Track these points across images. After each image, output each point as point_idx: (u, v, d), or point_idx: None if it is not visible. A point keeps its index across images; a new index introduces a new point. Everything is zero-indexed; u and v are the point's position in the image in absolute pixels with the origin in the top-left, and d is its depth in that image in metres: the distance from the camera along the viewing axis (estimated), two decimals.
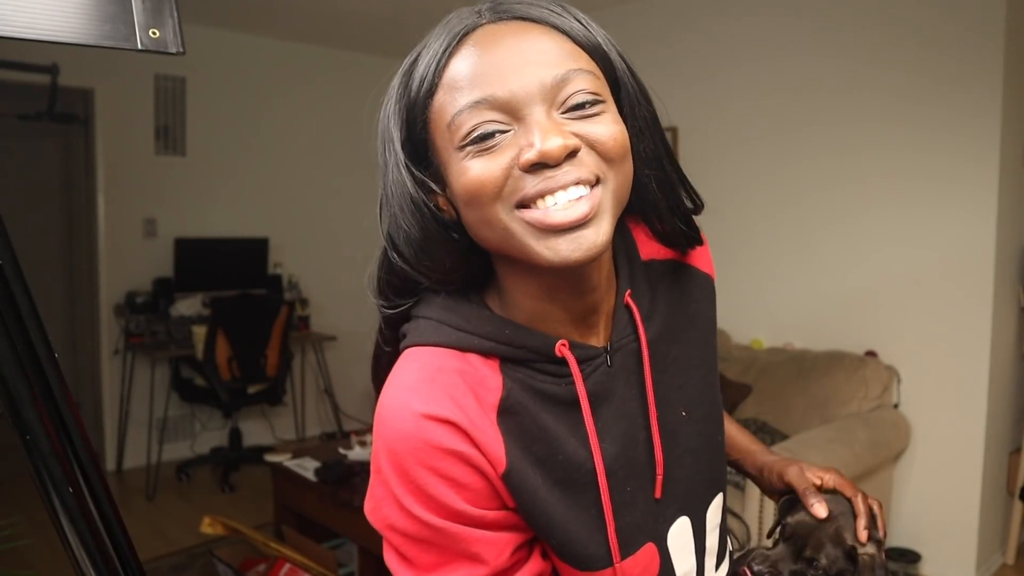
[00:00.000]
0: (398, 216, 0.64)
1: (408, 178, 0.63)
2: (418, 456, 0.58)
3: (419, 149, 0.64)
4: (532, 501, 0.61)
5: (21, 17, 0.44)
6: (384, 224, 0.67)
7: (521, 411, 0.62)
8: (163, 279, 4.30)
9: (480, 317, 0.64)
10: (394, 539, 0.62)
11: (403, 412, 0.59)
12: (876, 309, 3.10)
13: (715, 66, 3.59)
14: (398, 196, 0.64)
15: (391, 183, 0.65)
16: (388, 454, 0.60)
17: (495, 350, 0.63)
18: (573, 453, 0.63)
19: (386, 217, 0.66)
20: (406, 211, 0.63)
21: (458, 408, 0.59)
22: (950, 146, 2.87)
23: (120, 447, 4.29)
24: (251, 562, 2.59)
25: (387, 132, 0.67)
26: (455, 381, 0.61)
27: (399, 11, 4.17)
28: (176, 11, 0.50)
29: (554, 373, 0.64)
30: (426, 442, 0.58)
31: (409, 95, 0.64)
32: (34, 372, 0.51)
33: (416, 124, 0.63)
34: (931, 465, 2.95)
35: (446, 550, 0.60)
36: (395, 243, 0.65)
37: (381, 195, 0.67)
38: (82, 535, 0.53)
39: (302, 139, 4.88)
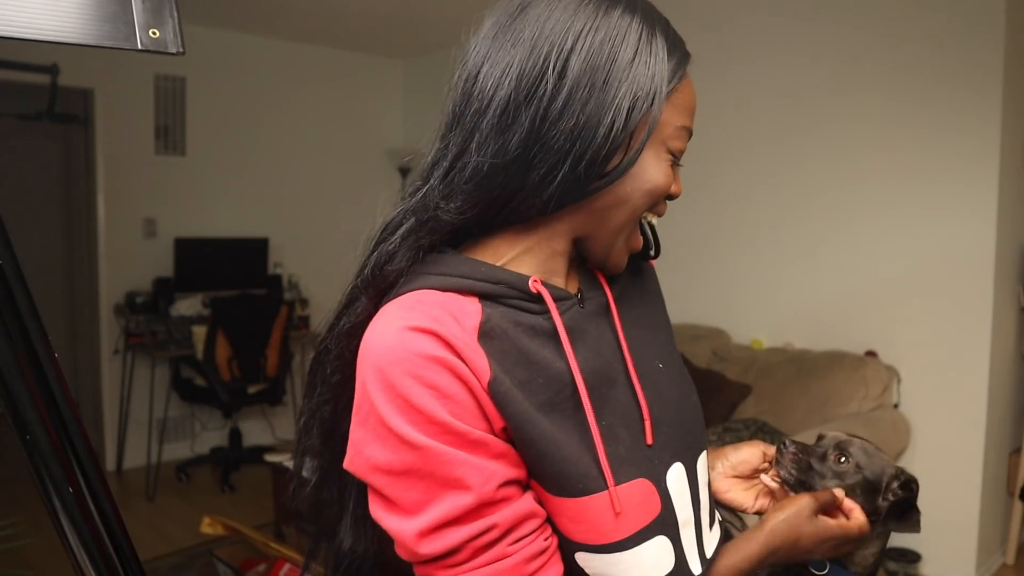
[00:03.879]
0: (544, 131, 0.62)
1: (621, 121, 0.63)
2: (403, 365, 0.60)
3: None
4: (519, 415, 0.62)
5: (21, 17, 0.44)
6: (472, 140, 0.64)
7: (501, 335, 0.64)
8: (163, 279, 4.30)
9: (456, 260, 0.67)
10: (378, 481, 0.62)
11: (386, 330, 0.62)
12: (876, 309, 3.10)
13: (715, 67, 3.58)
14: (574, 113, 0.62)
15: (578, 100, 0.62)
16: (374, 373, 0.61)
17: (472, 287, 0.65)
18: (554, 377, 0.65)
19: (487, 135, 0.64)
20: (575, 130, 0.62)
21: (440, 324, 0.62)
22: (950, 146, 2.87)
23: (120, 447, 4.29)
24: (251, 562, 2.59)
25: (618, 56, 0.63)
26: (436, 308, 0.63)
27: (399, 11, 4.17)
28: (176, 11, 0.50)
29: (530, 309, 0.67)
30: (410, 350, 0.60)
31: (639, 73, 0.64)
32: (34, 372, 0.51)
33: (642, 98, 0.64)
34: (931, 465, 2.95)
35: (430, 479, 0.60)
36: (475, 158, 0.64)
37: (500, 107, 0.63)
38: (82, 535, 0.53)
39: (302, 139, 4.88)
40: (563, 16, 0.63)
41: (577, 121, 0.62)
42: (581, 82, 0.62)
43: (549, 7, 0.64)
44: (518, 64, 0.63)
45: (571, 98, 0.62)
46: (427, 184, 0.68)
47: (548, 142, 0.62)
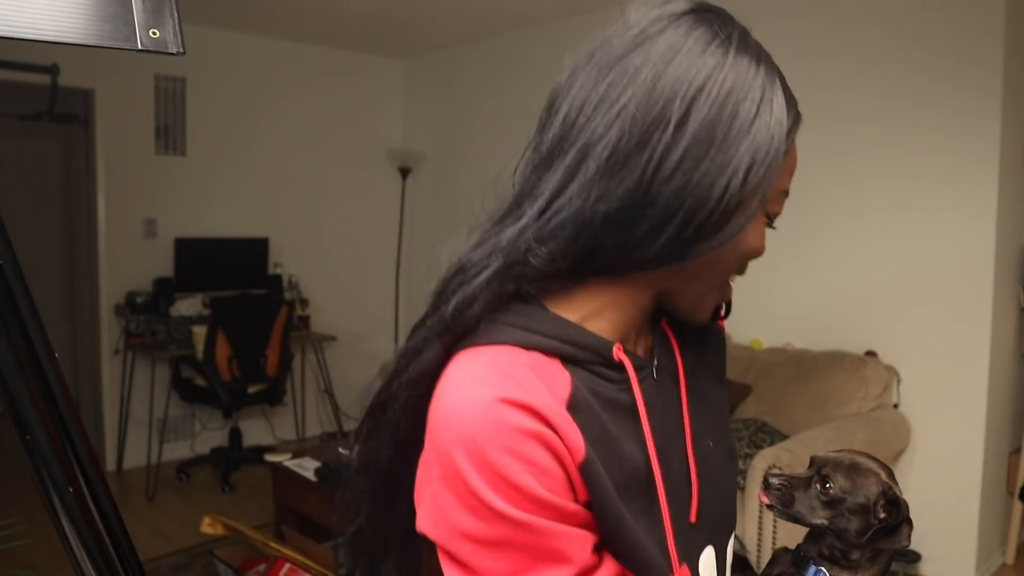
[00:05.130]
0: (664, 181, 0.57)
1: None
2: (500, 440, 0.55)
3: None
4: (604, 498, 0.59)
5: (21, 17, 0.44)
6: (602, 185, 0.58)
7: (587, 408, 0.60)
8: (163, 279, 4.30)
9: (543, 316, 0.62)
10: (464, 549, 0.57)
11: (478, 401, 0.56)
12: (876, 309, 3.10)
13: None
14: (686, 173, 0.57)
15: (689, 157, 0.57)
16: (464, 445, 0.56)
17: (558, 349, 0.61)
18: (629, 457, 0.62)
19: (608, 182, 0.58)
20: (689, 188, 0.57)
21: (535, 397, 0.57)
22: (950, 147, 2.87)
23: (120, 447, 4.29)
24: (251, 562, 2.59)
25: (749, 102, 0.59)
26: (527, 374, 0.58)
27: (399, 11, 4.17)
28: (176, 11, 0.50)
29: (609, 378, 0.63)
30: (507, 425, 0.56)
31: (761, 127, 0.60)
32: (34, 372, 0.51)
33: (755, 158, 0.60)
34: (931, 465, 2.95)
35: (527, 551, 0.57)
36: (605, 208, 0.58)
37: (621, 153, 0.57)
38: (82, 535, 0.53)
39: (302, 139, 4.88)
40: (688, 58, 0.58)
41: (690, 179, 0.57)
42: (700, 135, 0.57)
43: (674, 46, 0.58)
44: (634, 106, 0.57)
45: (688, 152, 0.57)
46: (518, 221, 0.61)
47: (656, 197, 0.57)
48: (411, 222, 5.28)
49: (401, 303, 5.36)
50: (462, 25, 4.44)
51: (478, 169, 4.82)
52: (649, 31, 0.60)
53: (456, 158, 4.97)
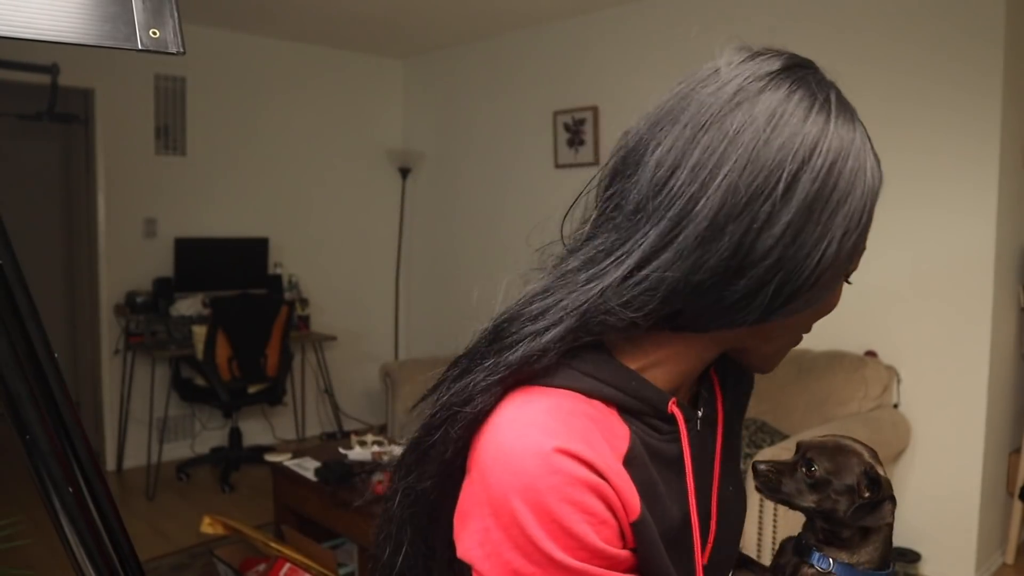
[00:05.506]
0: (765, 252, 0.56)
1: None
2: (560, 492, 0.55)
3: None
4: (654, 552, 0.60)
5: (21, 17, 0.44)
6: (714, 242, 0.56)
7: (641, 462, 0.60)
8: (163, 279, 4.30)
9: (609, 366, 0.62)
10: (578, 554, 0.56)
11: (539, 449, 0.56)
12: (876, 309, 3.10)
13: None
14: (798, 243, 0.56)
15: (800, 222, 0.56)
16: (523, 493, 0.56)
17: (619, 400, 0.61)
18: (668, 509, 0.63)
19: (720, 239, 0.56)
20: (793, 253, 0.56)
21: (595, 451, 0.57)
22: (950, 146, 2.87)
23: (120, 447, 4.29)
24: (251, 562, 2.59)
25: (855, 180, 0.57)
26: (589, 426, 0.58)
27: (399, 11, 4.17)
28: (176, 11, 0.50)
29: (659, 429, 0.63)
30: (568, 475, 0.56)
31: (849, 190, 0.58)
32: (34, 372, 0.51)
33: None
34: (931, 465, 2.95)
35: None
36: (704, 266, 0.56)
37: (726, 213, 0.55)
38: (82, 535, 0.53)
39: (302, 139, 4.88)
40: (792, 125, 0.55)
41: (786, 252, 0.55)
42: (803, 207, 0.55)
43: (775, 110, 0.56)
44: (736, 175, 0.54)
45: (789, 225, 0.55)
46: (598, 281, 0.58)
47: (751, 268, 0.56)
48: (411, 222, 5.28)
49: (401, 303, 5.36)
50: (462, 25, 4.44)
51: (478, 169, 4.82)
52: (747, 90, 0.57)
53: (456, 158, 4.97)
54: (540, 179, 4.42)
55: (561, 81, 4.28)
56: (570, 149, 4.23)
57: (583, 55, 4.17)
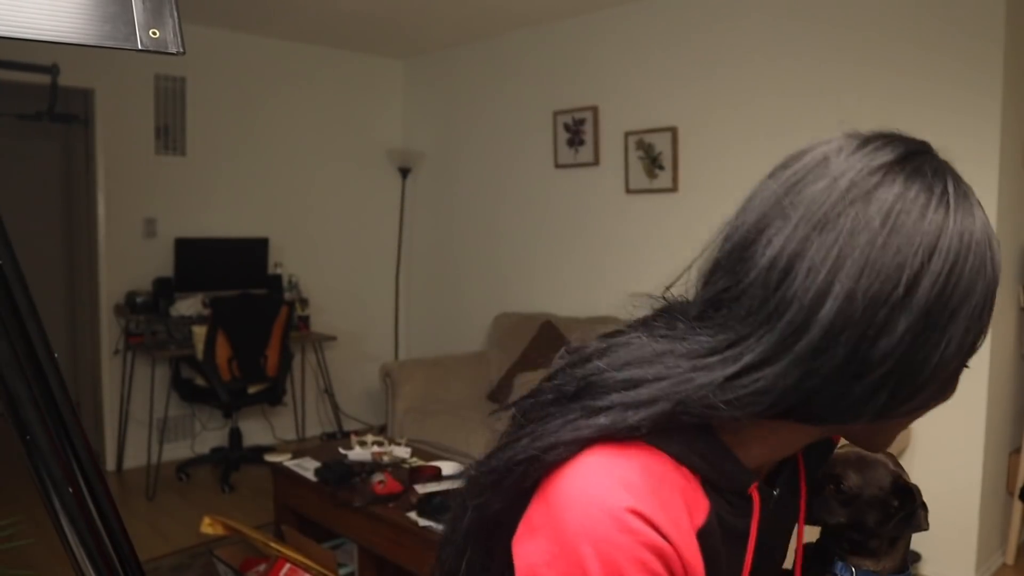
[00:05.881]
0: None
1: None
2: (630, 550, 0.55)
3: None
4: None
5: (21, 17, 0.44)
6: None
7: (713, 536, 0.60)
8: (163, 279, 4.30)
9: (704, 437, 0.60)
10: None
11: (620, 505, 0.55)
12: None
13: (715, 66, 3.59)
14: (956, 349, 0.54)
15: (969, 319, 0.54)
16: (596, 544, 0.55)
17: (704, 472, 0.60)
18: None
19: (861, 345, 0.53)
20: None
21: (671, 520, 0.57)
22: (949, 146, 2.84)
23: (120, 447, 4.29)
24: (251, 562, 2.59)
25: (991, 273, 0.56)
26: (673, 495, 0.58)
27: (399, 11, 4.17)
28: (176, 11, 0.50)
29: (735, 504, 0.63)
30: (640, 537, 0.55)
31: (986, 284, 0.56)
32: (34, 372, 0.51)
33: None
34: (931, 465, 2.95)
35: None
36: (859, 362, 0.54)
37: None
38: (82, 535, 0.53)
39: (302, 139, 4.88)
40: (910, 223, 0.53)
41: (905, 356, 0.53)
42: (923, 311, 0.52)
43: (892, 208, 0.53)
44: (853, 280, 0.52)
45: (909, 328, 0.52)
46: (701, 374, 0.56)
47: (866, 372, 0.53)
48: (411, 222, 5.28)
49: (401, 303, 5.36)
50: (462, 25, 4.44)
51: (478, 169, 4.82)
52: (861, 185, 0.54)
53: (456, 158, 4.97)
54: (540, 179, 4.42)
55: (561, 81, 4.28)
56: (570, 149, 4.23)
57: (583, 55, 4.16)
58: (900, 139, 0.60)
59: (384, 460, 2.87)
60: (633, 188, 3.95)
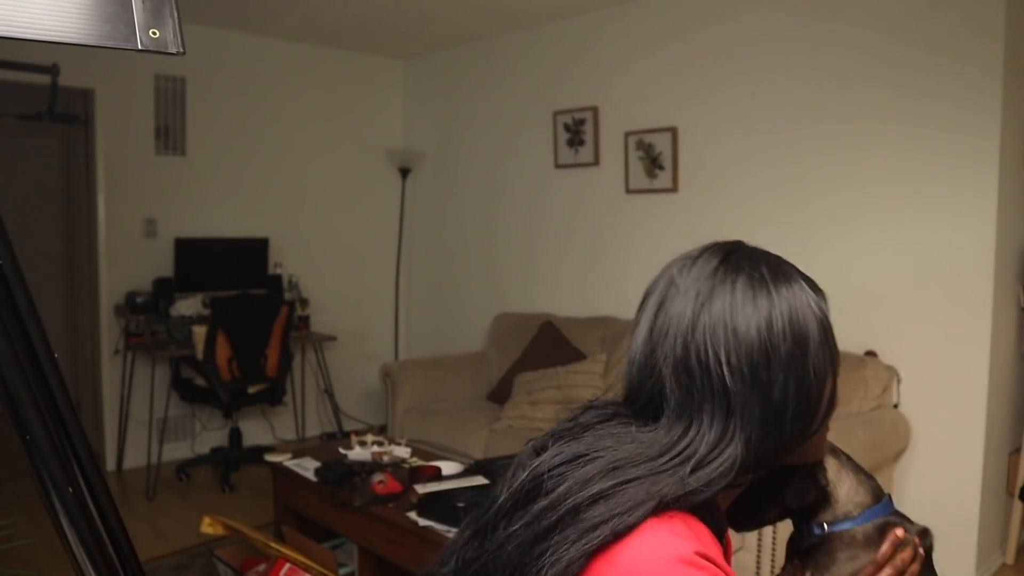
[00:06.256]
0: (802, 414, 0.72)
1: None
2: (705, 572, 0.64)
3: None
4: None
5: (21, 17, 0.44)
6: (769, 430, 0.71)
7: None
8: (163, 279, 4.30)
9: (713, 503, 0.72)
10: None
11: (685, 553, 0.64)
12: (876, 309, 3.10)
13: (715, 65, 3.59)
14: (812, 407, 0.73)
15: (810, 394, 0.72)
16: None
17: (709, 523, 0.71)
18: None
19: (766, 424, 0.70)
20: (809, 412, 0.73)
21: (716, 554, 0.67)
22: (950, 145, 2.87)
23: (120, 447, 4.29)
24: (251, 562, 2.59)
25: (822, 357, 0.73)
26: (711, 541, 0.69)
27: (398, 11, 4.17)
28: (176, 11, 0.50)
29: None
30: (711, 572, 0.64)
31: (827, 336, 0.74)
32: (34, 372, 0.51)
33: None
34: (931, 465, 2.95)
35: None
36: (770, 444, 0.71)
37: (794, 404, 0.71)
38: (82, 535, 0.53)
39: (302, 139, 4.88)
40: (747, 310, 0.71)
41: (796, 393, 0.71)
42: (789, 357, 0.71)
43: (730, 304, 0.71)
44: (735, 361, 0.69)
45: (787, 375, 0.70)
46: (670, 473, 0.67)
47: (783, 421, 0.70)
48: (411, 222, 5.28)
49: (401, 303, 5.36)
50: (462, 25, 4.44)
51: (478, 169, 4.82)
52: (703, 292, 0.71)
53: (456, 158, 4.97)
54: (540, 179, 4.42)
55: (561, 81, 4.28)
56: (570, 149, 4.24)
57: (583, 55, 4.17)
58: (718, 246, 0.77)
59: (384, 460, 2.87)
60: (633, 188, 3.95)
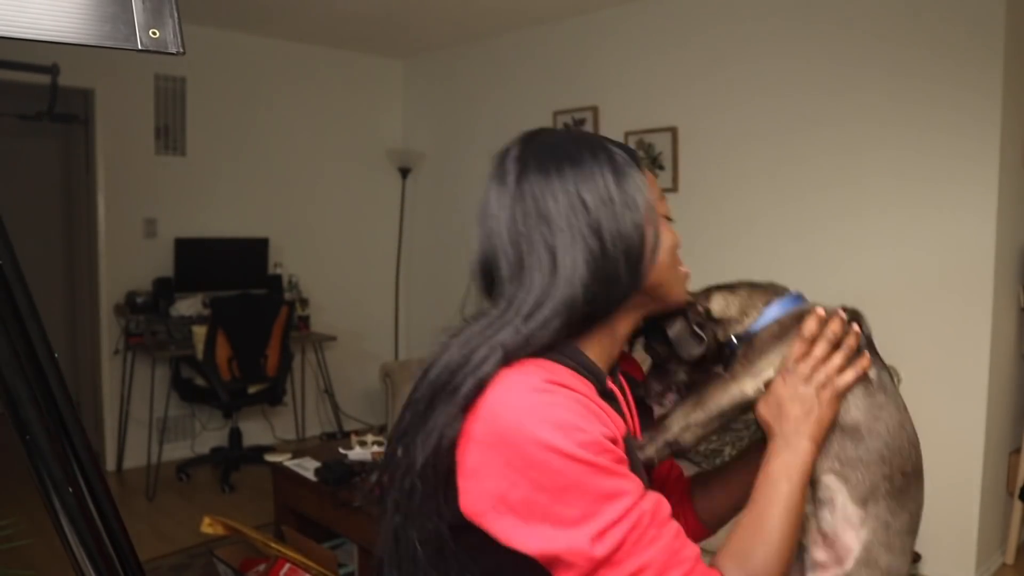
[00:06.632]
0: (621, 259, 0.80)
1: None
2: (562, 404, 0.72)
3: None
4: (635, 467, 0.77)
5: (21, 17, 0.44)
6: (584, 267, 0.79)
7: (606, 399, 0.81)
8: (163, 279, 4.30)
9: (573, 349, 0.82)
10: (540, 502, 0.70)
11: (536, 384, 0.73)
12: (876, 309, 3.07)
13: (715, 66, 3.59)
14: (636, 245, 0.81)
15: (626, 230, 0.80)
16: (527, 413, 0.71)
17: (580, 373, 0.80)
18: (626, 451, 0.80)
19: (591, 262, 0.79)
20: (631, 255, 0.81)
21: (578, 382, 0.77)
22: (950, 147, 2.87)
23: (120, 447, 4.29)
24: (251, 562, 2.59)
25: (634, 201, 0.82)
26: (563, 374, 0.77)
27: (398, 11, 4.17)
28: (176, 11, 0.50)
29: (603, 395, 0.81)
30: (565, 394, 0.73)
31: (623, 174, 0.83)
32: (34, 372, 0.51)
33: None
34: (931, 465, 2.93)
35: (588, 493, 0.70)
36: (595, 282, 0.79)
37: (595, 247, 0.79)
38: (82, 535, 0.53)
39: (302, 139, 4.88)
40: (504, 197, 0.83)
41: (615, 231, 0.80)
42: (594, 219, 0.81)
43: (495, 197, 0.84)
44: (506, 233, 0.82)
45: (589, 235, 0.80)
46: (510, 325, 0.77)
47: (602, 271, 0.79)
48: (411, 222, 5.28)
49: (401, 303, 5.36)
50: (462, 25, 4.44)
51: (478, 169, 4.80)
52: (510, 173, 0.83)
53: (456, 158, 4.97)
54: None
55: (561, 81, 4.28)
56: None
57: (583, 55, 4.16)
58: (504, 151, 0.86)
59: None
60: None
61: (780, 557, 0.78)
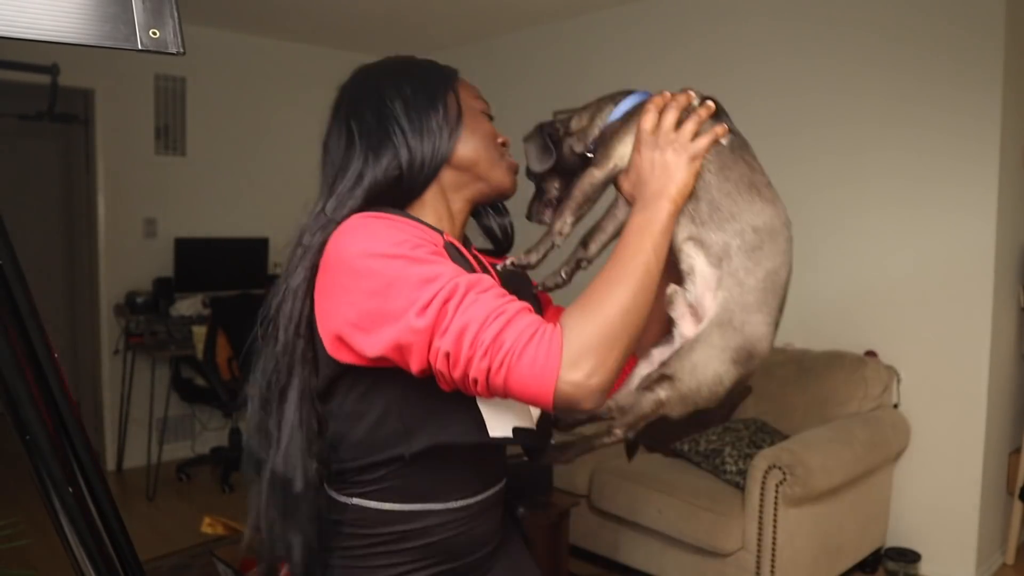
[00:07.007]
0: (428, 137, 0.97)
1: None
2: (381, 219, 0.87)
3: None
4: (458, 261, 0.88)
5: (21, 17, 0.44)
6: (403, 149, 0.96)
7: (450, 249, 0.91)
8: (163, 279, 4.30)
9: (405, 212, 0.95)
10: (374, 308, 0.79)
11: (362, 215, 0.90)
12: (876, 309, 3.10)
13: (715, 67, 3.58)
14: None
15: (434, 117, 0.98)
16: (355, 230, 0.86)
17: (420, 223, 0.92)
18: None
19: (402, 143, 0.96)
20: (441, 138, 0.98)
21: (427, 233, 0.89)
22: (950, 147, 2.87)
23: (120, 447, 4.29)
24: (251, 562, 2.59)
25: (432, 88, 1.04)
26: (409, 223, 0.89)
27: (398, 11, 4.17)
28: (176, 11, 0.50)
29: (452, 254, 0.91)
30: (388, 216, 0.88)
31: (432, 80, 1.07)
32: (34, 372, 0.51)
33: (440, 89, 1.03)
34: (931, 465, 2.95)
35: (409, 282, 0.79)
36: (412, 159, 0.95)
37: (402, 127, 0.97)
38: (82, 535, 0.53)
39: (302, 139, 4.86)
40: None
41: (389, 123, 1.02)
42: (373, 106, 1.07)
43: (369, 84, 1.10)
44: (385, 107, 1.04)
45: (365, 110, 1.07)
46: (328, 204, 1.00)
47: (392, 144, 0.99)
48: None
49: None
50: (462, 25, 4.44)
51: None
52: (337, 115, 1.14)
53: None
54: None
55: (561, 81, 4.27)
56: None
57: (583, 55, 4.16)
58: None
59: None
60: None
61: (628, 311, 0.77)
